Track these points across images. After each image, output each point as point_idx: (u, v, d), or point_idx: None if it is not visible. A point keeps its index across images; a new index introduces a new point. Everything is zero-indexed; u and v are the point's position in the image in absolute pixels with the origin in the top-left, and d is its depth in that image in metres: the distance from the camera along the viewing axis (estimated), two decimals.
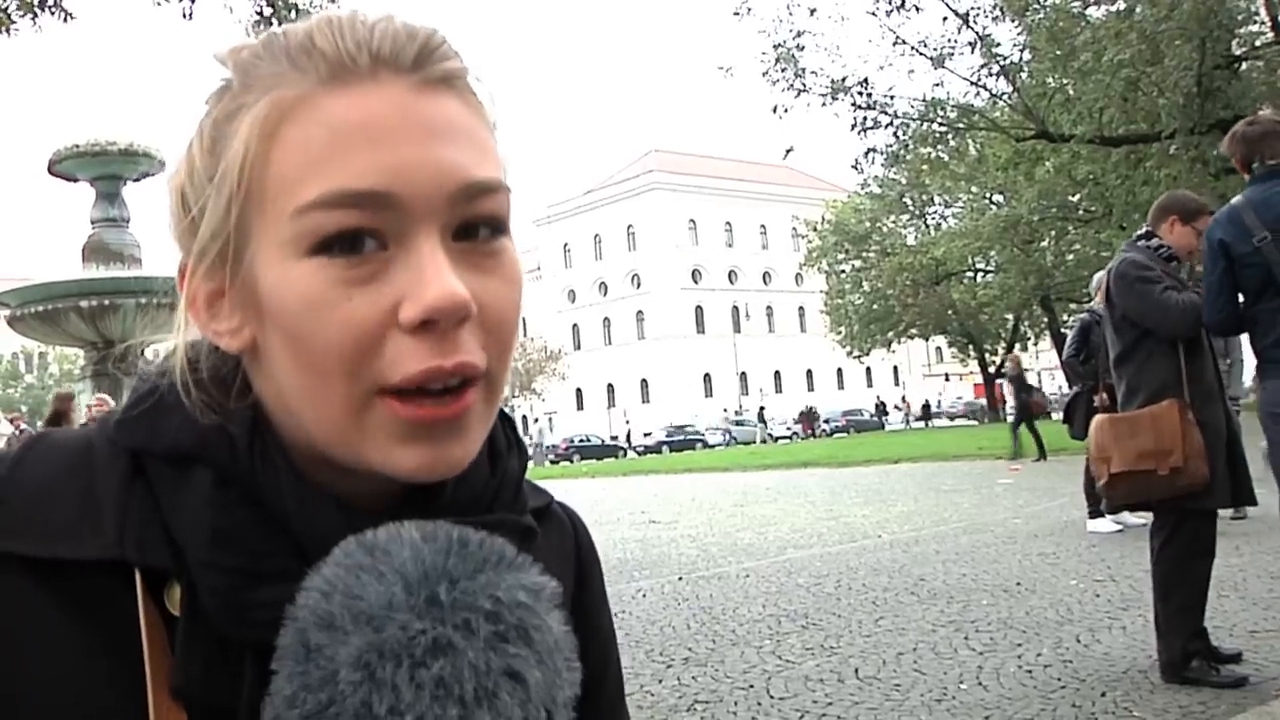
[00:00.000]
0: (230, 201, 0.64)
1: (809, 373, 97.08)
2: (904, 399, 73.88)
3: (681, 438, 60.91)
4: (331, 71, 0.63)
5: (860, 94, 23.74)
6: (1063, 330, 45.32)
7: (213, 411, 0.67)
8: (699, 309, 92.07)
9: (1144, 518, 5.54)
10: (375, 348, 0.61)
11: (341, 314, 0.61)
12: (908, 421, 67.02)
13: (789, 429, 63.74)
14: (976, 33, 23.40)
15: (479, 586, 0.59)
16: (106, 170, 10.41)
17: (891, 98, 24.20)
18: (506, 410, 0.77)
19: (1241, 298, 4.35)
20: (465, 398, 0.63)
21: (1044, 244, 40.37)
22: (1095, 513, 9.22)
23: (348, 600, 0.58)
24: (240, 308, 0.66)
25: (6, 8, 10.25)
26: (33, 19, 10.60)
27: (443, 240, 0.63)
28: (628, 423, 77.45)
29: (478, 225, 0.65)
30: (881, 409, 69.00)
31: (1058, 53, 20.46)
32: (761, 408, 67.76)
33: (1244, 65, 20.29)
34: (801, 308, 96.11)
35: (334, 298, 0.61)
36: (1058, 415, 18.17)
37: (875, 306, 53.54)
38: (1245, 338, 4.68)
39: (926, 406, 67.75)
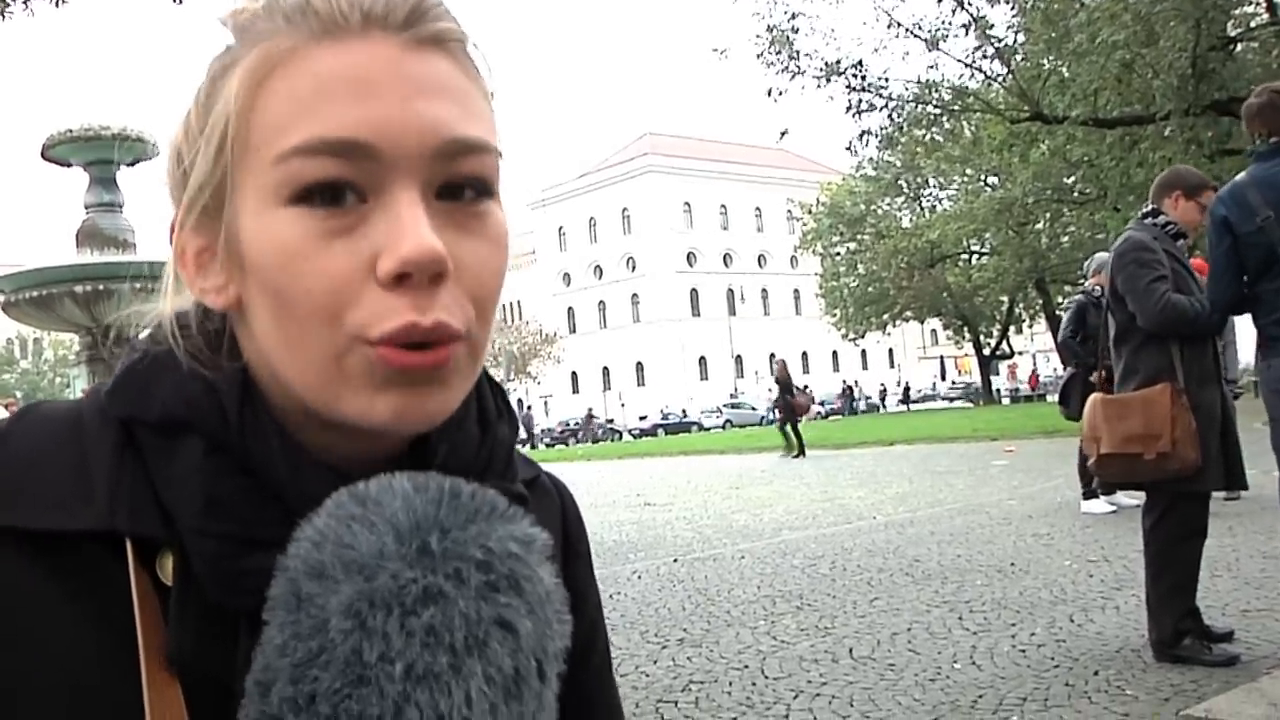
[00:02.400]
0: (219, 150, 0.65)
1: (804, 355, 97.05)
2: (846, 384, 71.55)
3: (676, 421, 60.77)
4: (324, 27, 0.63)
5: (855, 76, 23.69)
6: (1058, 312, 45.27)
7: (204, 370, 0.67)
8: (694, 292, 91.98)
9: (1137, 498, 5.56)
10: (352, 300, 0.62)
11: (318, 265, 0.61)
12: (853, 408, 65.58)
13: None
14: (971, 15, 23.35)
15: (470, 536, 0.59)
16: (100, 155, 10.34)
17: (886, 80, 24.17)
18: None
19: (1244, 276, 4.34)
20: (445, 349, 0.63)
21: (1039, 226, 40.31)
22: (1089, 494, 9.25)
23: (339, 549, 0.58)
24: (226, 262, 0.67)
25: None
26: (24, 3, 10.55)
27: (424, 197, 0.63)
28: (623, 405, 77.53)
29: (462, 185, 0.65)
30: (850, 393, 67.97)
31: (1052, 34, 20.41)
32: (806, 386, 67.98)
33: (1239, 46, 20.23)
34: (797, 290, 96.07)
35: (311, 249, 0.61)
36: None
37: (870, 289, 53.50)
38: (1237, 319, 4.69)
39: (907, 389, 67.89)
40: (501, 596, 0.58)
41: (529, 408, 68.74)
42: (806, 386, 34.85)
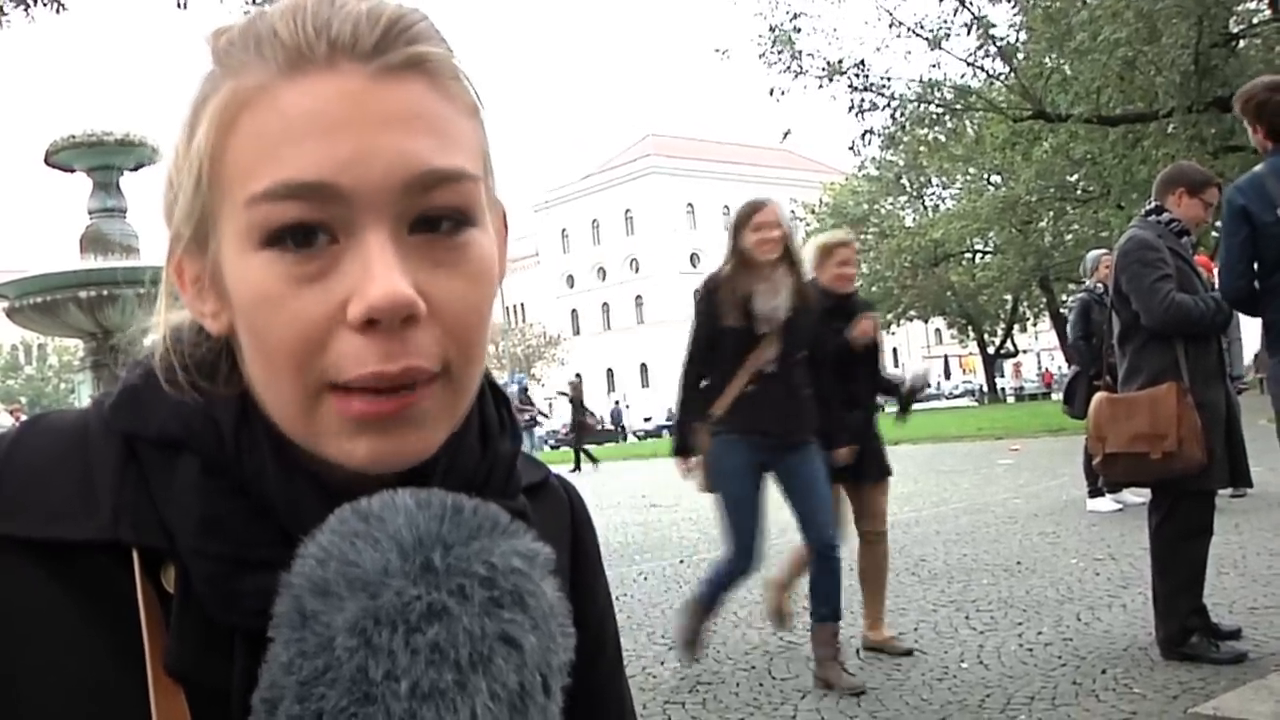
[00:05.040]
0: (196, 188, 0.65)
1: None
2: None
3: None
4: (289, 60, 0.62)
5: (857, 76, 23.68)
6: (1062, 310, 45.19)
7: (198, 395, 0.67)
8: (698, 293, 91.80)
9: (1144, 496, 5.54)
10: (323, 344, 0.61)
11: (290, 311, 0.61)
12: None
13: None
14: (973, 14, 23.35)
15: (473, 552, 0.59)
16: (103, 160, 10.32)
17: (888, 79, 24.16)
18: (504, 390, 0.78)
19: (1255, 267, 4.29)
20: (413, 395, 0.63)
21: (1042, 224, 40.27)
22: (1095, 492, 9.24)
23: (343, 567, 0.58)
24: (214, 292, 0.67)
25: None
26: (25, 10, 10.57)
27: (395, 234, 0.62)
28: (627, 407, 77.42)
29: (439, 218, 0.64)
30: None
31: (1054, 33, 20.40)
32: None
33: (1242, 43, 20.20)
34: None
35: (283, 294, 0.61)
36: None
37: (874, 288, 53.31)
38: (1243, 316, 4.66)
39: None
40: (505, 612, 0.58)
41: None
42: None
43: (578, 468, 23.05)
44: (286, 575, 0.60)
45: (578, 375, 25.25)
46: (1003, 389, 58.04)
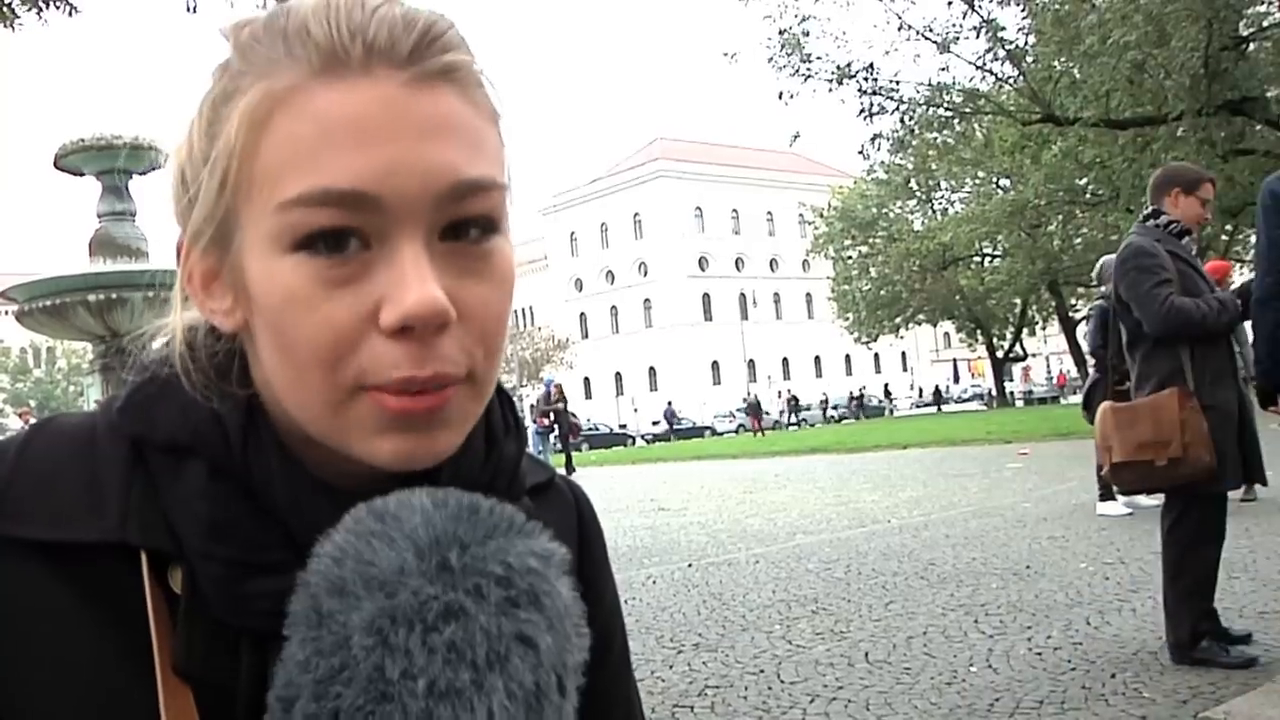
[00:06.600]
0: (221, 188, 0.64)
1: (816, 359, 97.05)
2: (794, 397, 63.89)
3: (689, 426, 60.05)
4: (324, 62, 0.62)
5: (866, 79, 23.72)
6: (1070, 314, 45.23)
7: (210, 396, 0.68)
8: (706, 296, 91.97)
9: (1157, 499, 5.53)
10: (353, 348, 0.61)
11: (321, 314, 0.61)
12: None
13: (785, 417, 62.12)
14: (982, 17, 23.35)
15: (490, 552, 0.59)
16: (113, 164, 10.33)
17: (897, 83, 24.19)
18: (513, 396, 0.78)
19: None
20: (445, 392, 0.63)
21: (1051, 228, 40.24)
22: (1105, 495, 9.21)
23: (359, 566, 0.58)
24: (232, 290, 0.67)
25: (10, 2, 10.24)
26: (37, 13, 10.60)
27: (428, 242, 0.62)
28: (635, 410, 77.47)
29: (467, 225, 0.64)
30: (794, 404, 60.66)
31: (1063, 36, 20.39)
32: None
33: (1251, 46, 20.16)
34: (809, 294, 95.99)
35: (314, 297, 0.61)
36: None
37: (882, 292, 53.49)
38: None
39: (938, 391, 67.80)
40: (522, 612, 0.59)
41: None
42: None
43: (569, 469, 23.12)
44: (303, 574, 0.60)
45: (559, 384, 25.61)
46: (1011, 393, 57.95)
